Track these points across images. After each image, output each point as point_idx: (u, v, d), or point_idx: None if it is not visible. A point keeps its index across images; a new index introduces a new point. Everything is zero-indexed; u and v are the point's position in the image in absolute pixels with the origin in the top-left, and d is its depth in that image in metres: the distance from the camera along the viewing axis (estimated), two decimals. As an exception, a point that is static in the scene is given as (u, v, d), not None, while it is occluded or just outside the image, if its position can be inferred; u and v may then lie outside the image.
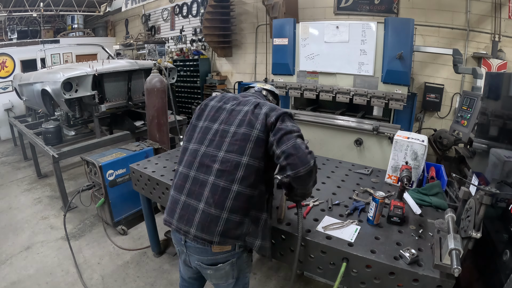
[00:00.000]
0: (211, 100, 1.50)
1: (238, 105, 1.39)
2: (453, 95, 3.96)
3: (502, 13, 3.51)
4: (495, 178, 1.59)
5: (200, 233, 1.22)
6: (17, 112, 6.55)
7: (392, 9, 4.12)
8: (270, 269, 2.54)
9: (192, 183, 1.30)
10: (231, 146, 1.27)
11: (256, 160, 1.26)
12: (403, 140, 1.93)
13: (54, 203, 3.75)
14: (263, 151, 1.27)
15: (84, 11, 8.36)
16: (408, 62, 2.82)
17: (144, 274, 2.52)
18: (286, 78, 3.49)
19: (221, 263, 1.29)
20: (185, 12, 6.57)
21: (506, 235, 1.33)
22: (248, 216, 1.26)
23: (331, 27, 3.05)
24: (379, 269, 1.26)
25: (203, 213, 1.23)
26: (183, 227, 1.27)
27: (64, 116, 4.32)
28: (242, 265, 1.36)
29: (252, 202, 1.26)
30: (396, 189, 1.64)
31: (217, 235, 1.21)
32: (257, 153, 1.26)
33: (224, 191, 1.23)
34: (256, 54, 5.67)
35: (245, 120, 1.30)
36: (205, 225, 1.22)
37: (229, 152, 1.27)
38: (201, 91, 6.21)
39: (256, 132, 1.27)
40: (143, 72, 4.29)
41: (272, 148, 1.25)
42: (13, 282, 2.43)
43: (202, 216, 1.23)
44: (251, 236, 1.27)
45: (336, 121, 3.25)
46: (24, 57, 6.68)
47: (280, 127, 1.25)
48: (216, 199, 1.22)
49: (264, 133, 1.27)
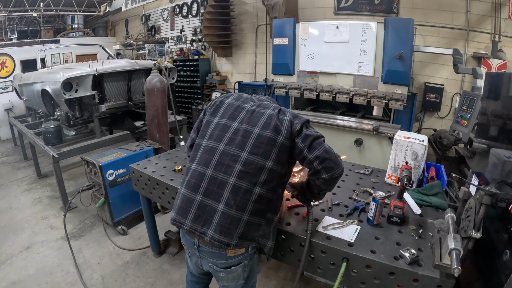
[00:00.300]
0: (227, 97, 1.46)
1: (259, 106, 1.37)
2: (453, 95, 3.96)
3: (502, 13, 3.51)
4: (495, 178, 1.59)
5: (218, 235, 1.19)
6: (17, 112, 6.55)
7: (392, 9, 4.12)
8: (270, 269, 2.54)
9: (209, 182, 1.25)
10: (255, 148, 1.25)
11: (280, 165, 1.27)
12: (403, 140, 1.93)
13: (54, 203, 3.75)
14: (286, 157, 1.29)
15: (84, 11, 8.36)
16: (408, 62, 2.82)
17: (144, 274, 2.52)
18: (286, 78, 3.49)
19: (235, 265, 1.29)
20: (185, 12, 6.57)
21: (506, 235, 1.33)
22: (264, 218, 1.27)
23: (331, 27, 3.05)
24: (379, 269, 1.26)
25: (223, 214, 1.20)
26: (199, 228, 1.23)
27: (64, 116, 4.32)
28: (253, 266, 1.37)
29: (270, 205, 1.28)
30: (396, 189, 1.64)
31: (236, 237, 1.20)
32: (281, 159, 1.27)
33: (246, 193, 1.21)
34: (256, 54, 5.67)
35: (271, 124, 1.28)
36: (224, 226, 1.19)
37: (253, 154, 1.24)
38: (201, 91, 6.21)
39: (281, 138, 1.27)
40: (143, 72, 4.29)
41: (302, 154, 1.26)
42: (13, 282, 2.43)
43: (222, 217, 1.20)
44: (265, 237, 1.28)
45: (336, 121, 3.25)
46: (24, 57, 6.68)
47: (308, 134, 1.27)
48: (238, 201, 1.20)
49: (289, 140, 1.27)
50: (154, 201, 2.39)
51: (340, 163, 1.27)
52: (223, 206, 1.21)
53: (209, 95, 5.87)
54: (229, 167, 1.24)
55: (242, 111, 1.36)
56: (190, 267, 1.55)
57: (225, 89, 5.95)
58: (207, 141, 1.34)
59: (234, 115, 1.36)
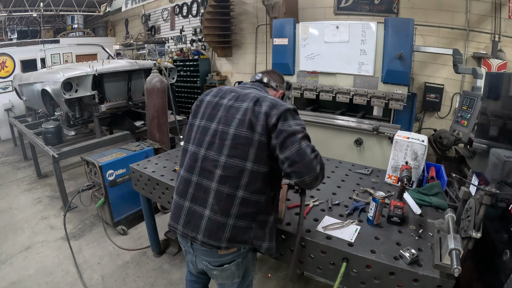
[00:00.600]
0: (206, 95, 1.39)
1: (236, 100, 1.28)
2: (453, 95, 3.95)
3: (502, 13, 3.51)
4: (495, 178, 1.59)
5: (207, 240, 1.21)
6: (17, 112, 6.55)
7: (392, 9, 4.12)
8: (270, 269, 2.54)
9: (195, 188, 1.26)
10: (232, 150, 1.19)
11: (261, 165, 1.19)
12: (403, 140, 1.93)
13: (54, 203, 3.75)
14: (267, 155, 1.19)
15: (84, 11, 8.36)
16: (408, 62, 2.82)
17: (144, 274, 2.52)
18: (286, 78, 3.45)
19: (227, 263, 1.28)
20: (185, 12, 6.57)
21: (506, 235, 1.33)
22: (255, 221, 1.22)
23: (331, 27, 3.05)
24: (379, 269, 1.26)
25: (209, 220, 1.21)
26: (189, 233, 1.25)
27: (64, 116, 4.32)
28: (247, 264, 1.36)
29: (259, 207, 1.22)
30: (396, 189, 1.64)
31: (224, 241, 1.20)
32: (261, 158, 1.18)
33: (228, 198, 1.19)
34: (256, 54, 5.67)
35: (245, 121, 1.19)
36: (212, 231, 1.20)
37: (231, 156, 1.19)
38: (201, 91, 6.20)
39: (257, 136, 1.17)
40: (143, 72, 4.29)
41: (275, 152, 1.17)
42: (13, 282, 2.43)
43: (208, 223, 1.21)
44: (259, 239, 1.25)
45: (336, 121, 3.25)
46: (24, 57, 6.68)
47: (282, 129, 1.14)
48: (222, 206, 1.19)
49: (266, 136, 1.17)
50: (154, 201, 2.39)
51: (312, 169, 1.12)
52: (209, 211, 1.21)
53: (209, 95, 5.86)
54: (211, 172, 1.22)
55: (220, 109, 1.29)
56: (189, 266, 1.55)
57: (225, 89, 5.95)
58: (191, 145, 1.33)
59: (212, 114, 1.30)
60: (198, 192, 1.25)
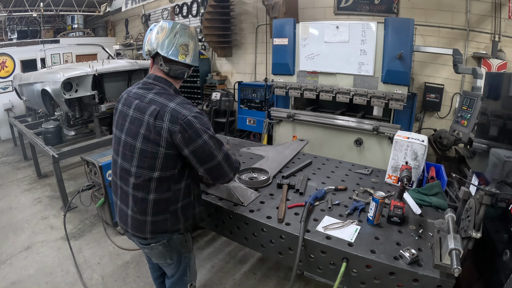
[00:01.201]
0: (119, 101, 1.44)
1: (139, 111, 1.29)
2: (453, 95, 3.96)
3: (502, 13, 3.51)
4: (495, 178, 1.58)
5: (134, 233, 1.40)
6: (17, 112, 6.55)
7: (392, 9, 4.12)
8: (270, 269, 2.54)
9: (120, 191, 1.42)
10: (141, 163, 1.30)
11: (168, 171, 1.31)
12: (403, 140, 1.93)
13: (54, 203, 3.75)
14: (173, 162, 1.31)
15: (84, 11, 8.36)
16: (408, 62, 2.82)
17: (144, 274, 2.52)
18: (286, 78, 3.49)
19: (154, 243, 1.41)
20: (185, 12, 6.57)
21: (506, 235, 1.33)
22: (168, 213, 1.37)
23: (331, 27, 3.05)
24: (379, 269, 1.26)
25: (132, 218, 1.38)
26: (123, 226, 1.45)
27: (64, 116, 4.32)
28: (176, 246, 1.46)
29: (169, 202, 1.36)
30: (396, 189, 1.64)
31: (148, 233, 1.37)
32: (167, 166, 1.30)
33: (143, 201, 1.33)
34: (256, 54, 5.67)
35: (150, 137, 1.25)
36: (136, 227, 1.38)
37: (140, 168, 1.31)
38: (201, 91, 6.20)
39: (162, 150, 1.26)
40: (143, 72, 4.29)
41: (191, 161, 1.30)
42: (13, 282, 2.43)
43: (132, 220, 1.38)
44: (175, 225, 1.41)
45: (336, 121, 3.25)
46: (24, 57, 6.68)
47: (191, 141, 1.24)
48: (139, 207, 1.34)
49: (171, 149, 1.27)
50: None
51: (228, 176, 1.41)
52: (130, 211, 1.37)
53: (209, 95, 5.86)
54: (127, 180, 1.36)
55: (127, 119, 1.35)
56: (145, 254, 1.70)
57: (225, 89, 5.94)
58: (113, 152, 1.46)
59: (122, 125, 1.37)
60: (122, 194, 1.41)
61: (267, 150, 2.63)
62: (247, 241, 1.69)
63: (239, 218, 1.65)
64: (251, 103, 4.91)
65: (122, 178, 1.39)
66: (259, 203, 1.74)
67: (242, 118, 5.06)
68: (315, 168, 2.25)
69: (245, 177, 2.03)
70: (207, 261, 2.64)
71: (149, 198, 1.32)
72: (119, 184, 1.42)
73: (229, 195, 1.80)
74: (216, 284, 2.39)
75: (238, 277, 2.46)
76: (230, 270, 2.54)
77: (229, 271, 2.53)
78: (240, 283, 2.41)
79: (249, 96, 4.91)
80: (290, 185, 1.89)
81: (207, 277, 2.46)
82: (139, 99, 1.33)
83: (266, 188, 1.93)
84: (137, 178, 1.31)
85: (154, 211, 1.34)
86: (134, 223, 1.38)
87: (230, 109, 5.50)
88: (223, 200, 1.77)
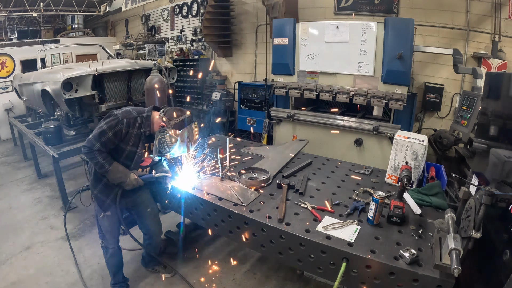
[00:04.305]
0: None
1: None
2: (453, 95, 3.95)
3: (502, 13, 3.51)
4: (495, 178, 1.58)
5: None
6: (17, 112, 6.55)
7: (392, 9, 4.11)
8: (270, 269, 2.54)
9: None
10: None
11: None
12: (403, 140, 1.93)
13: (54, 203, 3.75)
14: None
15: (84, 11, 8.36)
16: (408, 62, 2.82)
17: (144, 274, 2.52)
18: (286, 78, 3.49)
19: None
20: (185, 12, 6.57)
21: (506, 235, 1.33)
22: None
23: (331, 27, 3.05)
24: (379, 269, 1.26)
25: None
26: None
27: (64, 116, 4.31)
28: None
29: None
30: (396, 189, 1.64)
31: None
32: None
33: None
34: (256, 54, 5.67)
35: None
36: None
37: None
38: (201, 91, 6.21)
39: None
40: (143, 72, 4.29)
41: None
42: (13, 282, 2.43)
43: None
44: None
45: (336, 121, 3.25)
46: (24, 57, 6.68)
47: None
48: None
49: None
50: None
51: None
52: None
53: (209, 95, 5.87)
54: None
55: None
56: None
57: (225, 89, 5.95)
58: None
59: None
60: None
61: (267, 150, 2.63)
62: (247, 241, 1.69)
63: (239, 218, 1.65)
64: (251, 103, 4.91)
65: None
66: (259, 203, 1.74)
67: (242, 118, 5.06)
68: (315, 168, 2.25)
69: (245, 177, 2.03)
70: (207, 261, 2.64)
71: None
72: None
73: (229, 195, 1.80)
74: (216, 284, 2.39)
75: (238, 277, 2.46)
76: (230, 270, 2.54)
77: (229, 271, 2.53)
78: (240, 283, 2.41)
79: (249, 96, 4.91)
80: (290, 185, 1.89)
81: (207, 277, 2.46)
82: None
83: (266, 188, 1.93)
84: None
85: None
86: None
87: (230, 109, 5.50)
88: (223, 200, 1.77)
